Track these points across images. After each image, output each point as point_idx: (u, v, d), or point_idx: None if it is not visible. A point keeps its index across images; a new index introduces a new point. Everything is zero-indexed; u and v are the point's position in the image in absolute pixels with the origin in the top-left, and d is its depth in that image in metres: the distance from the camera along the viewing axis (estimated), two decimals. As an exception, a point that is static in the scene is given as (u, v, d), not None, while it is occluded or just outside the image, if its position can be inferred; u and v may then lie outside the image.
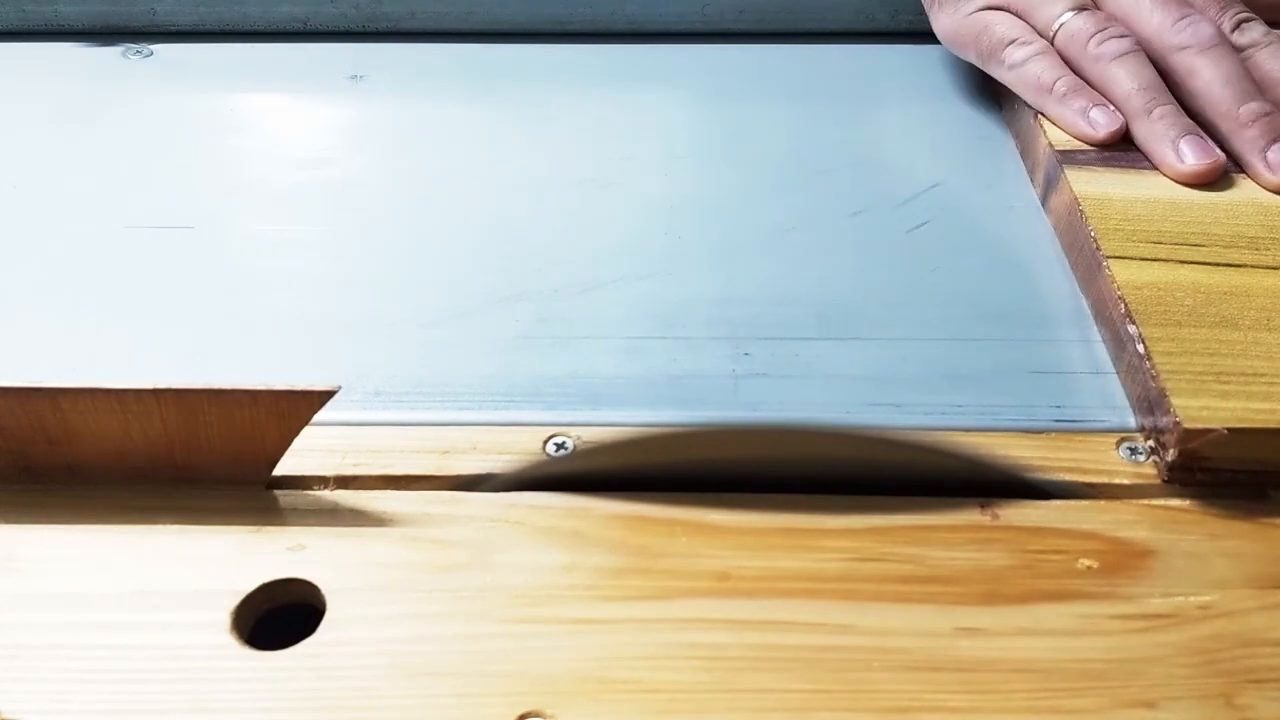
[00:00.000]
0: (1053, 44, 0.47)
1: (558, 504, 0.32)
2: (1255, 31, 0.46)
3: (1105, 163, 0.43)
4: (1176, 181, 0.42)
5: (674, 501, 0.32)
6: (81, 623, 0.29)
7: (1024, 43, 0.47)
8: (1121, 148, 0.44)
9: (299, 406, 0.31)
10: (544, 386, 0.37)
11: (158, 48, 0.55)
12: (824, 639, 0.29)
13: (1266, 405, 0.32)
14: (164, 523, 0.32)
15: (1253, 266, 0.38)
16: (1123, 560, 0.31)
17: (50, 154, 0.48)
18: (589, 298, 0.40)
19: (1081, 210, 0.40)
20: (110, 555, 0.31)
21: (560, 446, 0.34)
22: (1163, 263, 0.38)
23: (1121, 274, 0.37)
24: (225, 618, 0.29)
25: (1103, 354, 0.37)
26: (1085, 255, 0.39)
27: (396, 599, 0.30)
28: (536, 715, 0.27)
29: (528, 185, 0.46)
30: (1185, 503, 0.33)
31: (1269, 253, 0.38)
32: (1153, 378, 0.33)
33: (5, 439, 0.32)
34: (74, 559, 0.31)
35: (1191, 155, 0.42)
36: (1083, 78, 0.46)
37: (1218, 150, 0.43)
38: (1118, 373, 0.36)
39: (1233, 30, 0.46)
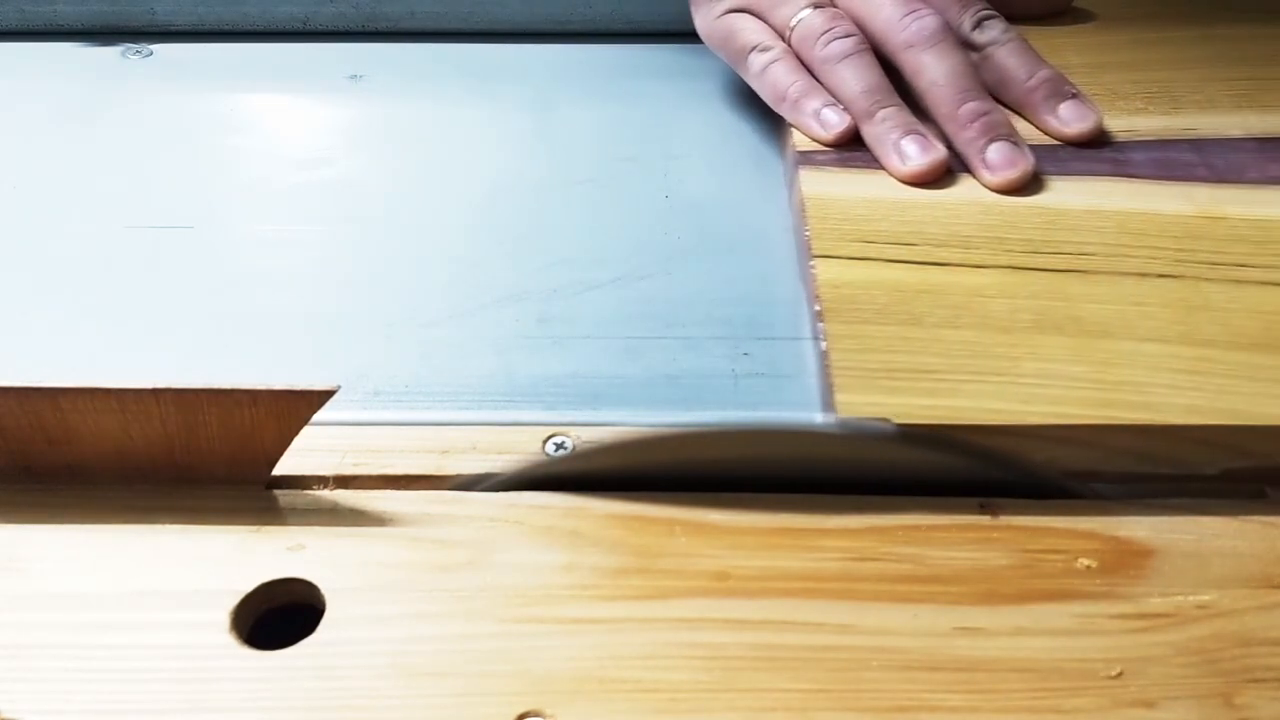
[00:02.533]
0: (790, 45, 0.47)
1: (557, 504, 0.32)
2: (995, 29, 0.46)
3: (843, 163, 0.43)
4: (901, 181, 0.42)
5: (673, 501, 0.32)
6: (81, 623, 0.29)
7: (764, 48, 0.47)
8: (863, 147, 0.44)
9: (298, 406, 0.31)
10: (544, 386, 0.37)
11: (157, 48, 0.55)
12: (823, 638, 0.29)
13: (930, 402, 0.33)
14: (164, 522, 0.32)
15: (957, 265, 0.38)
16: (1122, 560, 0.31)
17: (50, 154, 0.48)
18: (589, 298, 0.41)
19: (804, 210, 0.40)
20: (110, 555, 0.31)
21: (560, 446, 0.34)
22: (870, 261, 0.38)
23: (825, 273, 0.37)
24: (225, 617, 0.29)
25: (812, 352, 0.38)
26: (805, 255, 0.39)
27: (396, 599, 0.30)
28: (536, 715, 0.27)
29: (528, 185, 0.46)
30: (1184, 502, 0.33)
31: (978, 252, 0.38)
32: (829, 374, 0.34)
33: (5, 439, 0.32)
34: (74, 559, 0.31)
35: (913, 155, 0.42)
36: (817, 79, 0.45)
37: (940, 146, 0.42)
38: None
39: (973, 28, 0.46)
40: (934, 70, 0.44)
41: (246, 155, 0.48)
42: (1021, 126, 0.44)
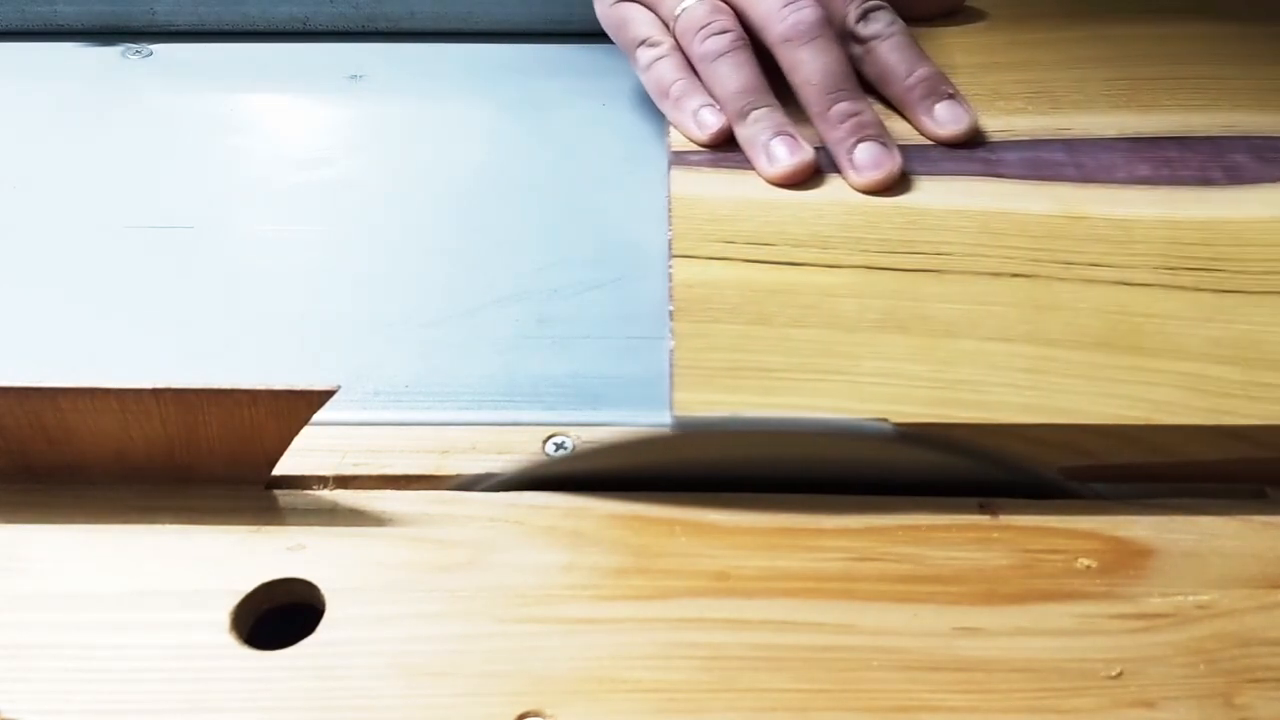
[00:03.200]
0: (676, 38, 0.46)
1: (557, 504, 0.32)
2: (879, 22, 0.45)
3: (715, 163, 0.43)
4: (770, 183, 0.42)
5: (673, 501, 0.32)
6: (81, 623, 0.29)
7: (652, 43, 0.46)
8: (739, 148, 0.43)
9: (298, 406, 0.31)
10: (544, 386, 0.37)
11: (157, 47, 0.55)
12: (823, 638, 0.29)
13: (766, 399, 0.33)
14: (163, 522, 0.32)
15: (813, 265, 0.38)
16: (1122, 560, 0.31)
17: (50, 154, 0.48)
18: (589, 298, 0.41)
19: (670, 210, 0.40)
20: (110, 555, 0.31)
21: (560, 446, 0.34)
22: (728, 261, 0.38)
23: (681, 273, 0.37)
24: (225, 617, 0.29)
25: None
26: (669, 254, 0.39)
27: (396, 599, 0.30)
28: (535, 715, 0.27)
29: (528, 185, 0.46)
30: (1184, 502, 0.33)
31: (835, 252, 0.38)
32: (671, 372, 0.34)
33: (5, 439, 0.32)
34: (74, 559, 0.31)
35: (781, 156, 0.42)
36: (698, 75, 0.45)
37: (808, 148, 0.42)
38: None
39: (858, 20, 0.45)
40: (808, 67, 0.43)
41: (246, 155, 0.48)
42: (903, 125, 0.44)
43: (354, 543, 0.31)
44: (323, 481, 0.33)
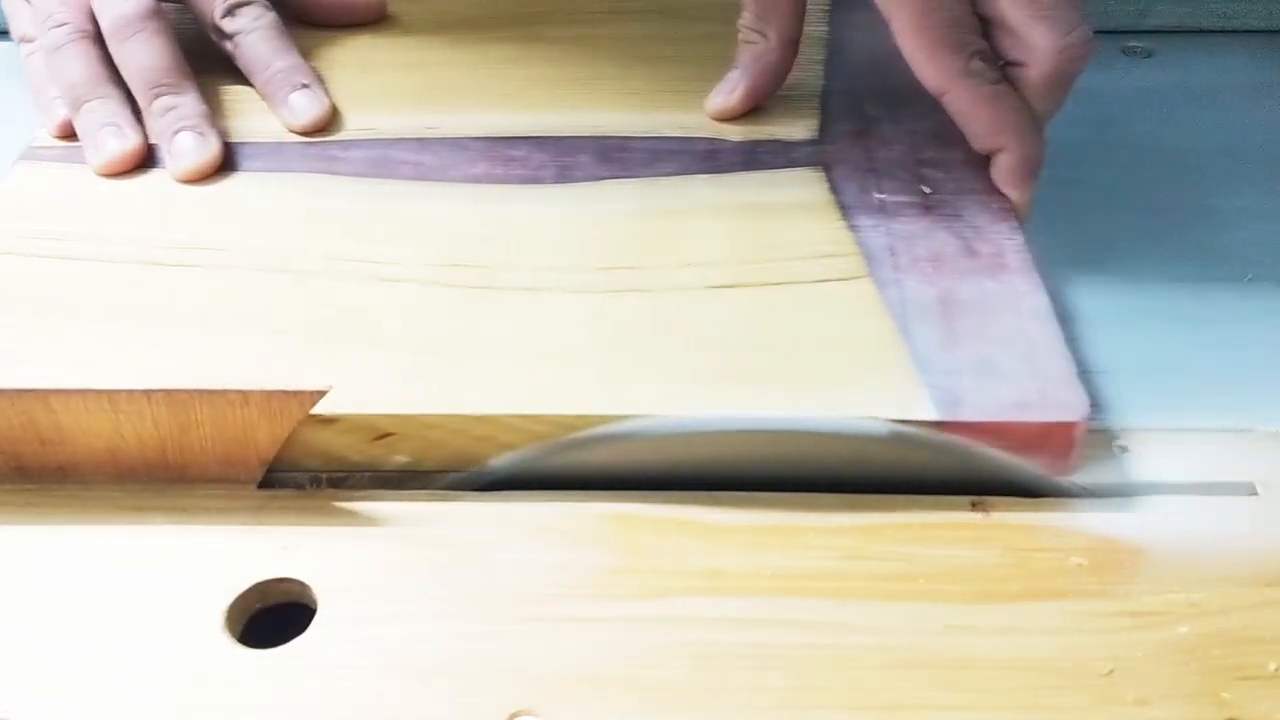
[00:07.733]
0: None
1: (550, 503, 0.32)
2: (245, 17, 0.45)
3: (65, 158, 0.42)
4: (98, 174, 0.41)
5: (666, 500, 0.32)
6: (76, 623, 0.29)
7: (28, 39, 0.46)
8: None
9: (290, 406, 0.31)
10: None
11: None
12: (816, 637, 0.29)
13: None
14: (156, 522, 0.32)
15: (90, 259, 0.37)
16: (1113, 558, 0.31)
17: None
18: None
19: None
20: (103, 555, 0.31)
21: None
22: (14, 255, 0.38)
23: None
24: (218, 617, 0.29)
25: None
26: None
27: (388, 598, 0.30)
28: (529, 714, 0.27)
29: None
30: (1176, 500, 0.33)
31: (115, 247, 0.38)
32: None
33: (-3, 439, 0.32)
34: (67, 559, 0.31)
35: (106, 146, 0.41)
36: None
37: (134, 136, 0.42)
38: None
39: (223, 16, 0.45)
40: (132, 63, 0.43)
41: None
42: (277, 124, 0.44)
43: (347, 542, 0.31)
44: (316, 481, 0.33)
